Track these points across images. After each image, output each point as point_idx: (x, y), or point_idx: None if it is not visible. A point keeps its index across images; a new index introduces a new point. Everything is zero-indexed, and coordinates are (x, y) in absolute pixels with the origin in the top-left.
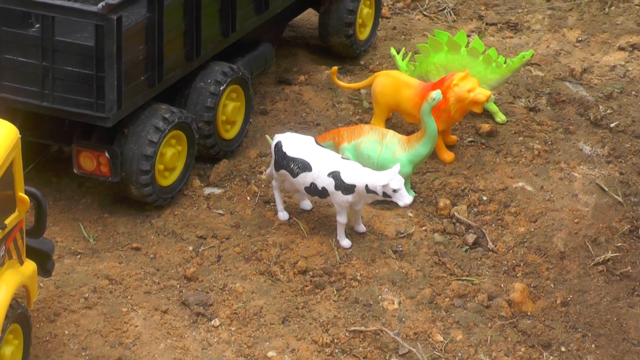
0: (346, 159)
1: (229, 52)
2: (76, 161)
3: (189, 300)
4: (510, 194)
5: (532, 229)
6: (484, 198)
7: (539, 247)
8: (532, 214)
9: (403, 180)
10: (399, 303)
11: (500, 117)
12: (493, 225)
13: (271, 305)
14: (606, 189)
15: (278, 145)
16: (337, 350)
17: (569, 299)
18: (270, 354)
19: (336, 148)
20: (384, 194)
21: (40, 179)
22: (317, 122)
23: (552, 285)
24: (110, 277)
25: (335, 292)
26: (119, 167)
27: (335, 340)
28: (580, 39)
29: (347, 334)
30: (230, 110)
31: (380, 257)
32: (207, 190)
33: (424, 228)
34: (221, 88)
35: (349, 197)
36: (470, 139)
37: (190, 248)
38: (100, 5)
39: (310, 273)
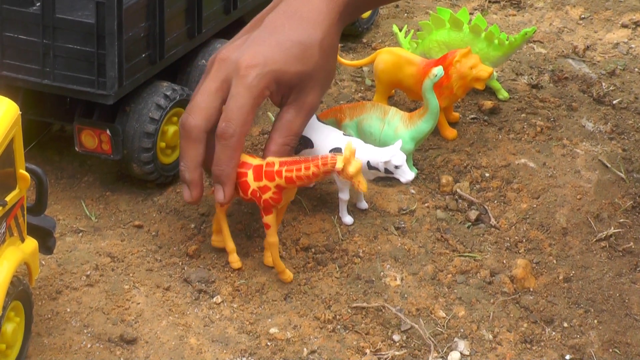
0: (348, 135)
1: (231, 29)
2: (78, 139)
3: (191, 278)
4: (512, 170)
5: (535, 205)
6: (487, 175)
7: (541, 224)
8: (534, 191)
9: (405, 156)
10: (401, 279)
11: (503, 94)
12: (495, 201)
13: (273, 282)
14: (609, 166)
15: None
16: (339, 327)
17: (571, 275)
18: (273, 330)
19: (338, 125)
20: (386, 170)
21: (42, 158)
22: None
23: (555, 261)
24: (112, 255)
25: (338, 269)
26: (120, 145)
27: (338, 316)
28: (583, 16)
29: (349, 310)
30: None
31: (382, 234)
32: None
33: (426, 205)
34: None
35: None
36: (472, 116)
37: (193, 225)
38: None
39: (313, 250)
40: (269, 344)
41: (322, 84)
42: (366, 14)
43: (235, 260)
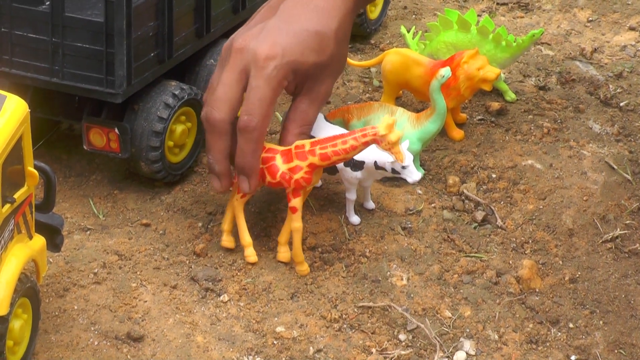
0: None
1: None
2: (86, 137)
3: (198, 276)
4: (519, 171)
5: (541, 207)
6: (493, 176)
7: (547, 225)
8: (541, 192)
9: (412, 156)
10: (408, 279)
11: (510, 96)
12: (502, 202)
13: (280, 281)
14: (615, 167)
15: None
16: (345, 326)
17: (577, 275)
18: (279, 329)
19: (346, 125)
20: (393, 171)
21: (50, 156)
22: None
23: (561, 262)
24: (119, 253)
25: (344, 268)
26: (128, 144)
27: (344, 315)
28: (591, 18)
29: (355, 309)
30: None
31: (389, 234)
32: None
33: (433, 205)
34: None
35: (358, 174)
36: (479, 117)
37: (200, 224)
38: None
39: (319, 249)
40: (275, 342)
41: (335, 73)
42: (374, 14)
43: (251, 254)
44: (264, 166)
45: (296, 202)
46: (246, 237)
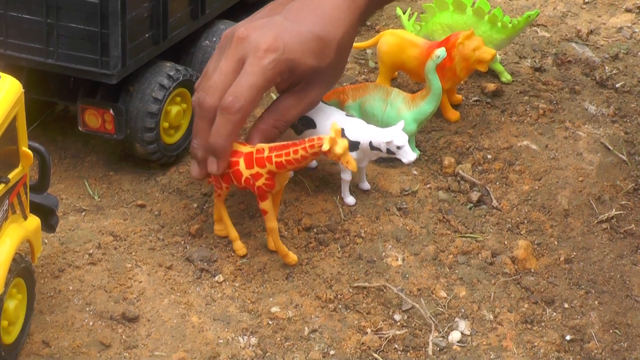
0: (350, 116)
1: (235, 11)
2: (81, 119)
3: (193, 257)
4: (515, 152)
5: (537, 187)
6: (489, 156)
7: (543, 205)
8: (536, 172)
9: (407, 137)
10: (403, 260)
11: (506, 77)
12: (497, 183)
13: (275, 261)
14: (611, 148)
15: None
16: (340, 306)
17: (572, 256)
18: (274, 309)
19: (341, 106)
20: (388, 151)
21: (46, 138)
22: None
23: (556, 242)
24: (114, 234)
25: (339, 249)
26: (124, 125)
27: (339, 296)
28: (587, 0)
29: (350, 290)
30: None
31: (384, 214)
32: None
33: (428, 186)
34: None
35: (354, 154)
36: (475, 98)
37: (195, 205)
38: None
39: (315, 230)
40: (270, 322)
41: (329, 82)
42: None
43: (239, 247)
44: (229, 170)
45: (265, 204)
46: (232, 233)
